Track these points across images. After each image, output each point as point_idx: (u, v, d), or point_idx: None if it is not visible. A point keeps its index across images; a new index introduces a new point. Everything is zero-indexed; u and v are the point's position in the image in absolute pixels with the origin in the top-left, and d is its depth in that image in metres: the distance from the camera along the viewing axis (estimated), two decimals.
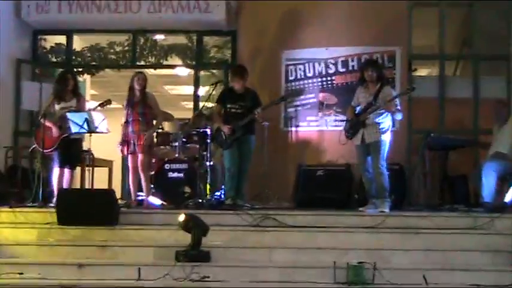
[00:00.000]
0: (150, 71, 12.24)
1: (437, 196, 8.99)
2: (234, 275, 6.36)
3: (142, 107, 8.49)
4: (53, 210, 7.47)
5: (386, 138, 8.00)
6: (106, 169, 10.37)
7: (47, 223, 7.36)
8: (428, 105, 10.20)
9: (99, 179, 9.74)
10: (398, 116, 8.15)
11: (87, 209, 7.26)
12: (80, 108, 8.45)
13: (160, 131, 9.30)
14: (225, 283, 6.24)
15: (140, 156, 8.44)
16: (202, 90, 11.67)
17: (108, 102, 8.49)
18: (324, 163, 9.50)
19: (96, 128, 8.17)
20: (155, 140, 9.13)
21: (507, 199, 8.18)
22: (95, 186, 9.19)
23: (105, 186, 9.98)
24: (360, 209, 8.04)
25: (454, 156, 9.14)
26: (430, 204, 8.70)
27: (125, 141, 8.48)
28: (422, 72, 11.59)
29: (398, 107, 8.05)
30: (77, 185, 9.35)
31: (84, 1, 10.61)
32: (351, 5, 9.92)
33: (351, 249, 6.70)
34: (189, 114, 11.55)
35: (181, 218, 6.56)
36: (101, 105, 8.43)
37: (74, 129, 8.16)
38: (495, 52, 10.55)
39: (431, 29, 10.49)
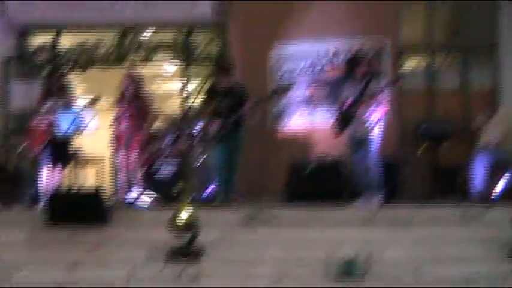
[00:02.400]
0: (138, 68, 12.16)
1: (429, 188, 8.98)
2: (226, 271, 6.34)
3: (136, 104, 8.45)
4: (43, 210, 7.41)
5: (376, 131, 7.98)
6: (96, 166, 10.30)
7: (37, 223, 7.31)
8: (417, 96, 10.19)
9: (90, 176, 9.68)
10: (384, 109, 8.12)
11: (77, 209, 7.19)
12: (68, 107, 8.39)
13: (151, 127, 9.24)
14: (217, 280, 6.22)
15: (135, 153, 8.40)
16: (191, 85, 11.61)
17: (98, 98, 8.44)
18: (314, 157, 9.48)
19: (86, 126, 8.12)
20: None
21: (498, 189, 8.20)
22: (86, 184, 9.12)
23: (95, 183, 9.92)
24: (352, 203, 8.01)
25: (445, 147, 9.14)
26: (422, 196, 8.69)
27: (117, 138, 8.43)
28: (411, 63, 11.56)
29: (385, 100, 8.02)
30: (67, 184, 9.29)
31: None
32: None
33: (343, 244, 6.68)
34: (178, 110, 11.55)
35: (184, 215, 6.49)
36: (91, 102, 8.38)
37: (63, 128, 8.11)
38: (483, 42, 10.53)
39: (420, 21, 10.47)
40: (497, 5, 10.33)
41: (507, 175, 8.33)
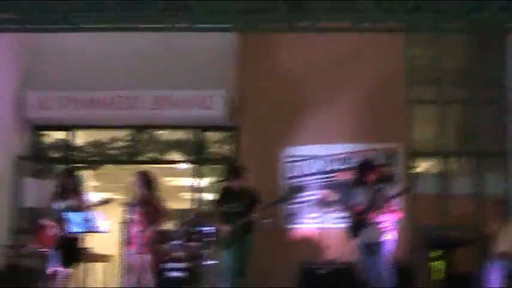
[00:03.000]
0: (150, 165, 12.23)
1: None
2: None
3: (146, 206, 8.42)
4: None
5: (389, 237, 7.91)
6: (104, 264, 10.23)
7: None
8: (430, 201, 10.16)
9: (99, 275, 9.59)
10: (396, 217, 8.08)
11: None
12: (80, 207, 8.38)
13: (160, 228, 9.19)
14: None
15: (145, 257, 8.32)
16: (202, 183, 11.64)
17: (108, 201, 8.43)
18: (326, 261, 9.37)
19: (96, 227, 8.09)
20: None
21: None
22: (94, 283, 9.01)
23: (102, 282, 9.84)
24: None
25: (459, 254, 9.02)
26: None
27: (129, 241, 8.36)
28: (423, 168, 11.60)
29: (396, 207, 7.99)
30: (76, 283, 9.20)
31: (87, 97, 10.73)
32: (351, 102, 10.04)
33: None
34: (187, 205, 11.53)
35: None
36: (101, 203, 8.38)
37: (74, 228, 8.08)
38: (494, 149, 10.59)
39: (431, 125, 10.57)
40: (506, 113, 10.42)
41: None
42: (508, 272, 8.13)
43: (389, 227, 7.95)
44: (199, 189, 11.39)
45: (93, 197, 9.46)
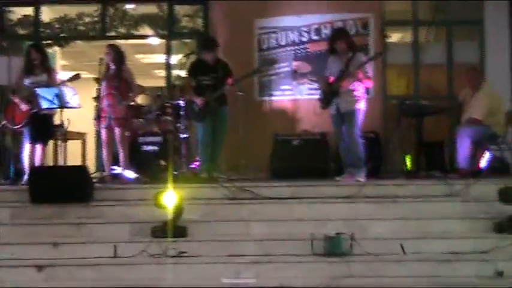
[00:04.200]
0: (121, 41, 12.02)
1: (413, 163, 8.99)
2: (211, 249, 6.33)
3: (116, 81, 8.33)
4: (25, 188, 7.33)
5: (361, 106, 7.93)
6: (79, 142, 10.20)
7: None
8: (402, 71, 10.19)
9: (73, 152, 9.60)
10: (368, 84, 8.08)
11: (60, 186, 7.10)
12: (50, 83, 8.26)
13: (133, 103, 9.14)
14: (202, 258, 6.20)
15: (117, 130, 8.32)
16: (175, 59, 11.50)
17: (77, 76, 8.29)
18: (299, 132, 9.46)
19: (67, 103, 8.01)
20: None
21: (482, 164, 8.24)
22: (69, 161, 9.02)
23: (79, 159, 9.86)
24: (337, 178, 8.00)
25: (429, 122, 9.13)
26: (406, 171, 8.72)
27: (99, 115, 8.32)
28: (395, 38, 11.54)
29: (369, 75, 7.97)
30: (50, 161, 9.21)
31: None
32: None
33: (328, 220, 6.68)
34: (162, 83, 11.45)
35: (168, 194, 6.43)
36: (70, 80, 8.26)
37: (45, 104, 7.99)
38: (468, 17, 10.50)
39: None
40: None
41: (490, 150, 8.38)
42: (477, 138, 8.26)
43: (361, 96, 7.95)
44: (171, 65, 11.25)
45: (63, 75, 9.34)
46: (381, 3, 10.07)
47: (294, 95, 9.91)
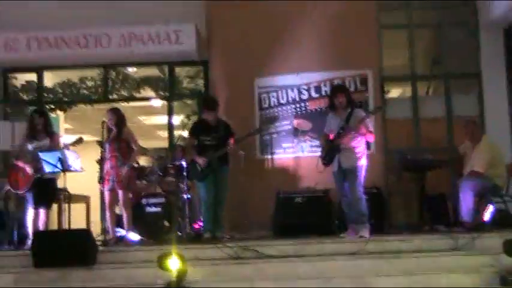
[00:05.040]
0: (123, 103, 12.15)
1: (416, 217, 8.98)
2: None
3: (118, 143, 8.40)
4: (29, 252, 7.31)
5: (363, 162, 7.96)
6: (83, 205, 10.22)
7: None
8: (402, 125, 10.24)
9: (77, 215, 9.60)
10: (370, 138, 8.14)
11: (64, 250, 7.09)
12: (53, 147, 8.33)
13: (136, 165, 9.20)
14: None
15: (120, 193, 8.35)
16: (177, 119, 11.60)
17: (80, 140, 8.38)
18: (302, 189, 9.46)
19: (70, 166, 8.06)
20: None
21: (485, 217, 8.22)
22: (73, 223, 9.01)
23: (83, 222, 9.85)
24: (341, 235, 7.99)
25: (430, 175, 9.14)
26: (410, 225, 8.69)
27: (103, 178, 8.36)
28: (395, 93, 11.67)
29: (370, 129, 8.03)
30: (54, 225, 9.20)
31: (54, 37, 10.55)
32: (321, 30, 9.98)
33: (333, 277, 6.64)
34: (165, 143, 11.52)
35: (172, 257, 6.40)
36: (73, 144, 8.33)
37: (47, 168, 8.04)
38: (466, 70, 10.62)
39: (402, 50, 10.56)
40: (478, 33, 10.42)
41: (493, 202, 8.36)
42: (480, 191, 8.27)
43: (362, 152, 7.99)
44: (173, 125, 11.34)
45: (66, 139, 9.42)
46: (378, 58, 10.17)
47: (296, 153, 9.95)
